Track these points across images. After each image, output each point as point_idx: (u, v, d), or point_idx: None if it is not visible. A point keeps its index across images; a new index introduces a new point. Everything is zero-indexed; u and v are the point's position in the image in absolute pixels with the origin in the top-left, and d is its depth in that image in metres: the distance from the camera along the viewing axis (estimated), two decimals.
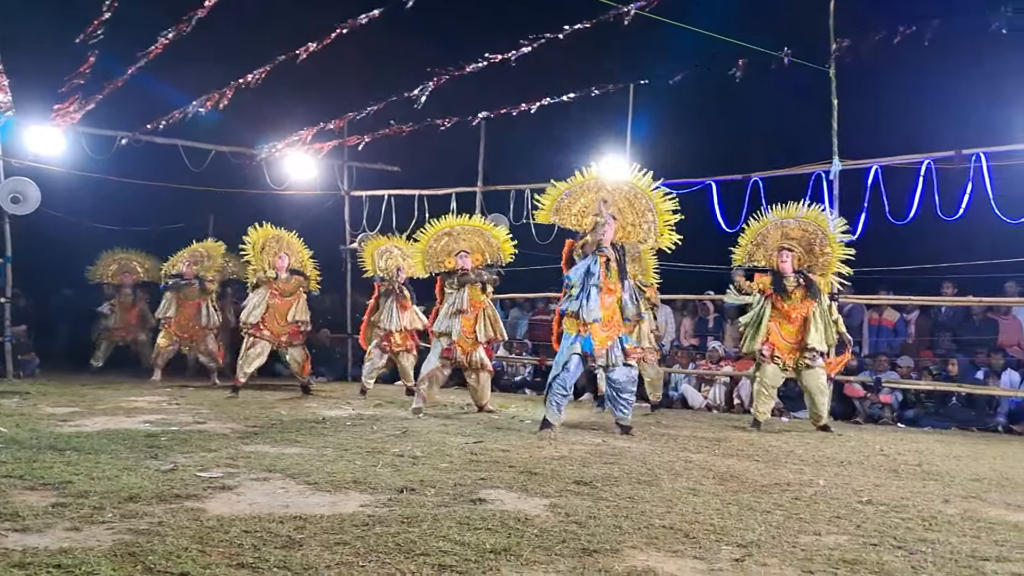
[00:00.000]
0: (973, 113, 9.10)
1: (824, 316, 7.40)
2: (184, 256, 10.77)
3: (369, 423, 6.78)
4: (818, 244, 7.51)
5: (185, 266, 10.65)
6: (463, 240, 7.93)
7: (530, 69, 8.78)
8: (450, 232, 7.98)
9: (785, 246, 7.46)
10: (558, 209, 6.72)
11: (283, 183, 12.11)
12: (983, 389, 8.41)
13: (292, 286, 9.36)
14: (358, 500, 3.72)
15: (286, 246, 9.46)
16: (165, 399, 8.21)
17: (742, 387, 9.24)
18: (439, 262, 7.92)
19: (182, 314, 10.61)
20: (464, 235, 7.96)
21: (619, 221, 6.53)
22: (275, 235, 9.47)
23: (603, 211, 6.36)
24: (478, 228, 8.08)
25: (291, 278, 9.37)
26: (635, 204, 6.60)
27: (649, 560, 2.93)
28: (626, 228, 6.59)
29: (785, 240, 7.52)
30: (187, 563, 2.66)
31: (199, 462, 4.55)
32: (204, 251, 10.91)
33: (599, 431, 6.74)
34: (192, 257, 10.74)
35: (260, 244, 9.35)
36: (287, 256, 9.37)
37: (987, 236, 8.53)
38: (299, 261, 9.59)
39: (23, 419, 6.13)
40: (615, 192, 6.60)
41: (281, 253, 9.34)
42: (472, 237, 7.96)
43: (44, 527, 3.06)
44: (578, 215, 6.69)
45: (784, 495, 4.18)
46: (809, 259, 7.52)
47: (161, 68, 8.73)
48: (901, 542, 3.29)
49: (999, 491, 4.59)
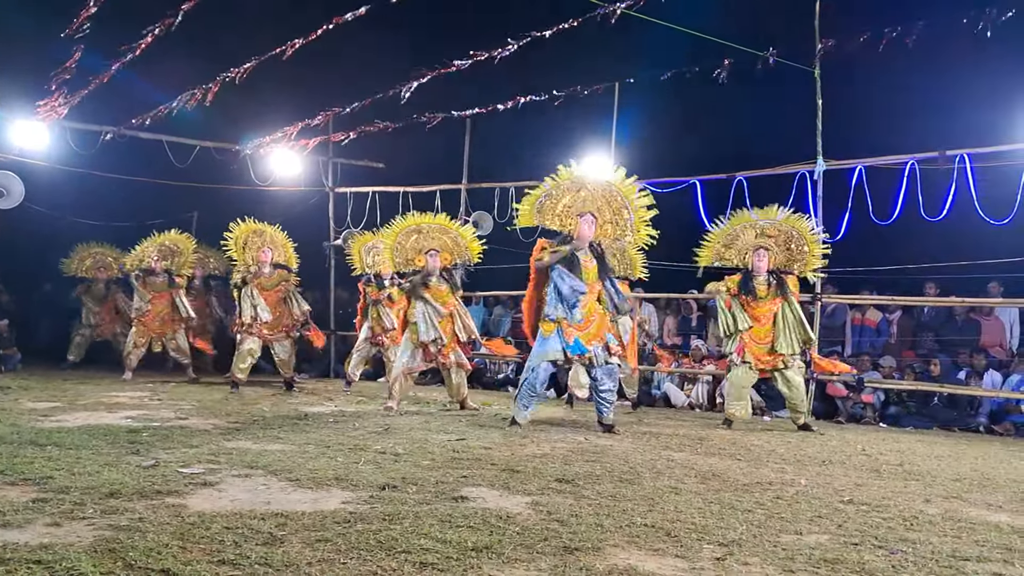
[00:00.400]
0: (957, 114, 9.15)
1: (795, 314, 7.41)
2: (152, 250, 10.55)
3: (351, 420, 6.77)
4: (795, 242, 7.56)
5: (154, 261, 10.46)
6: (432, 239, 7.92)
7: (516, 66, 8.76)
8: (419, 229, 7.96)
9: (762, 244, 7.48)
10: (540, 210, 6.71)
11: (267, 179, 12.06)
12: (965, 389, 8.48)
13: (275, 280, 9.32)
14: (340, 497, 3.72)
15: (269, 240, 9.42)
16: (147, 395, 8.17)
17: (724, 386, 9.29)
18: (408, 260, 7.90)
19: (153, 308, 10.42)
20: (433, 233, 7.95)
21: (598, 219, 6.56)
22: (257, 229, 9.44)
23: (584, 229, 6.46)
24: (445, 227, 8.06)
25: (275, 272, 9.34)
26: (611, 202, 6.64)
27: (630, 559, 2.94)
28: (603, 226, 6.62)
29: (762, 238, 7.55)
30: (168, 559, 2.65)
31: (180, 458, 4.52)
32: (172, 245, 10.72)
33: (581, 429, 6.76)
34: (161, 252, 10.56)
35: (242, 240, 9.30)
36: (270, 250, 9.34)
37: (970, 237, 8.60)
38: (283, 255, 9.55)
39: (4, 414, 6.08)
40: (594, 191, 6.62)
41: (264, 248, 9.31)
42: (440, 236, 7.96)
43: (24, 522, 3.04)
44: (561, 215, 6.68)
45: (766, 494, 4.20)
46: (786, 256, 7.56)
47: (146, 63, 8.66)
48: (882, 542, 3.31)
49: (980, 491, 4.62)
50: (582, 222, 6.50)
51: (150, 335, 10.44)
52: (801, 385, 7.48)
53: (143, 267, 10.45)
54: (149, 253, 10.52)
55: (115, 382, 9.59)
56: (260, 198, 11.99)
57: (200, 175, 11.66)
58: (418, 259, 7.85)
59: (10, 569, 2.49)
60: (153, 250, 10.55)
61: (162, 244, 10.68)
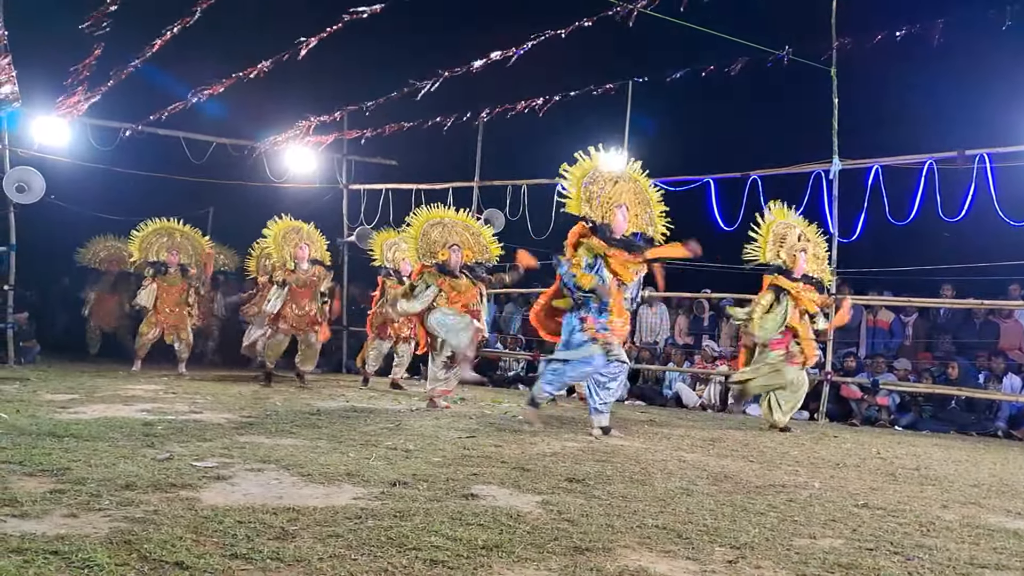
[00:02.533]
0: (977, 113, 9.06)
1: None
2: (162, 242, 10.47)
3: (363, 416, 6.79)
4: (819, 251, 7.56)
5: (170, 254, 10.40)
6: (456, 233, 7.83)
7: (529, 65, 8.76)
8: (443, 223, 7.86)
9: (804, 247, 7.39)
10: (588, 199, 6.37)
11: (282, 176, 12.13)
12: (983, 393, 8.39)
13: (310, 275, 9.39)
14: (351, 493, 3.73)
15: (306, 236, 9.53)
16: (162, 388, 8.23)
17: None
18: (433, 252, 7.75)
19: (164, 301, 10.37)
20: (457, 228, 7.87)
21: (629, 212, 6.48)
22: (295, 226, 9.55)
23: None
24: (467, 223, 7.99)
25: (311, 268, 9.42)
26: (638, 195, 6.61)
27: (641, 560, 2.93)
28: (632, 219, 6.53)
29: (803, 241, 7.45)
30: (182, 552, 2.67)
31: (194, 451, 4.56)
32: (183, 238, 10.65)
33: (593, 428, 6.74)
34: (174, 244, 10.49)
35: (280, 236, 9.40)
36: (307, 246, 9.42)
37: (990, 238, 8.51)
38: (319, 251, 9.65)
39: (23, 405, 6.15)
40: (626, 182, 6.56)
41: (302, 243, 9.40)
42: (463, 231, 7.88)
43: (42, 513, 3.07)
44: (603, 206, 6.39)
45: (779, 497, 4.17)
46: (815, 263, 7.50)
47: (164, 60, 8.75)
48: (898, 547, 3.27)
49: (999, 497, 4.56)
50: (618, 213, 6.35)
51: (162, 327, 10.42)
52: (804, 385, 7.44)
53: (157, 262, 10.40)
54: (159, 245, 10.43)
55: (130, 375, 9.67)
56: (275, 195, 12.07)
57: (216, 171, 11.76)
58: (441, 252, 7.71)
59: (27, 559, 2.52)
60: (163, 243, 10.47)
61: (172, 236, 10.55)
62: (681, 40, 8.78)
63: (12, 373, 9.00)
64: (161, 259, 10.40)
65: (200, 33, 8.00)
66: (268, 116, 11.60)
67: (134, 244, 10.50)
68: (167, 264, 10.40)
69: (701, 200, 9.43)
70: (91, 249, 11.80)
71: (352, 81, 11.25)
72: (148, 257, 10.43)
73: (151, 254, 10.43)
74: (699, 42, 8.68)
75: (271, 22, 10.47)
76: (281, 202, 11.54)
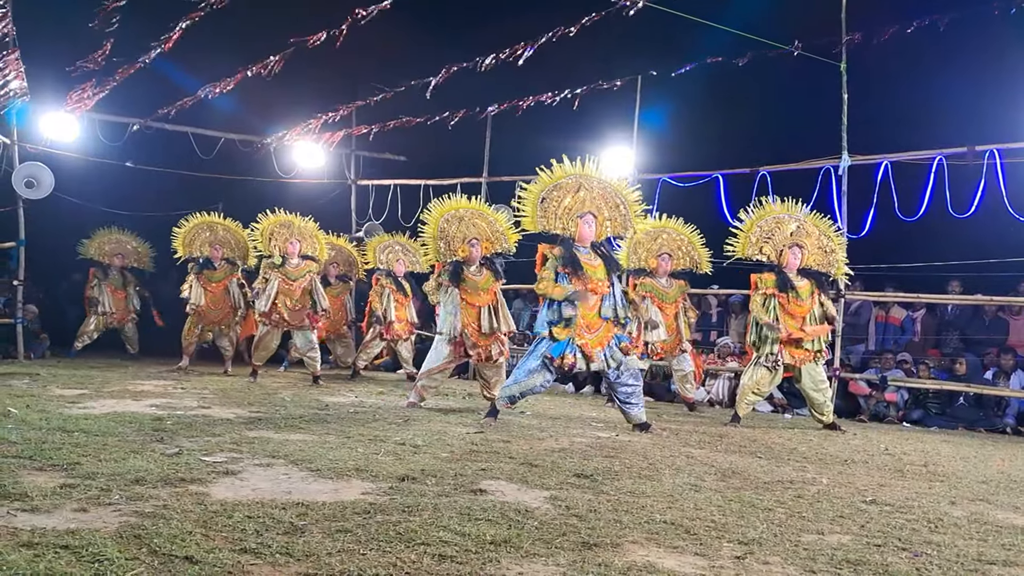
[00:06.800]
0: (987, 109, 8.99)
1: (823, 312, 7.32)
2: (204, 237, 10.25)
3: (371, 411, 6.81)
4: (826, 243, 7.41)
5: (213, 249, 10.18)
6: (474, 226, 7.51)
7: (538, 59, 8.74)
8: (460, 216, 7.51)
9: (798, 242, 7.24)
10: (544, 214, 6.42)
11: (291, 171, 12.14)
12: (991, 389, 8.36)
13: (300, 271, 9.34)
14: (360, 488, 3.74)
15: (297, 232, 9.39)
16: (171, 383, 8.27)
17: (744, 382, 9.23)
18: (453, 250, 7.45)
19: (209, 298, 10.14)
20: (474, 220, 7.52)
21: (597, 218, 6.41)
22: (284, 221, 9.42)
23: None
24: (482, 211, 7.63)
25: (301, 263, 9.35)
26: (608, 199, 6.48)
27: (649, 555, 2.93)
28: (603, 224, 6.48)
29: (799, 235, 7.29)
30: (191, 547, 2.68)
31: (204, 446, 4.58)
32: (225, 232, 10.38)
33: (601, 425, 6.75)
34: (216, 239, 10.25)
35: (268, 232, 9.35)
36: (298, 242, 9.33)
37: (1000, 235, 8.46)
38: (312, 247, 9.56)
39: (33, 400, 6.18)
40: (591, 189, 6.43)
41: (292, 239, 9.29)
42: (479, 222, 7.54)
43: (52, 508, 3.09)
44: (563, 218, 6.43)
45: (787, 493, 4.17)
46: (822, 256, 7.37)
47: (173, 55, 8.76)
48: (906, 543, 3.26)
49: (1007, 494, 4.55)
50: (582, 223, 6.33)
51: (204, 323, 10.21)
52: (826, 382, 7.37)
53: (203, 258, 10.16)
54: (201, 240, 10.22)
55: (141, 370, 9.71)
56: (283, 190, 12.07)
57: (225, 167, 11.78)
58: (461, 248, 7.42)
59: (38, 554, 2.53)
60: (206, 238, 10.24)
61: (215, 231, 10.29)
62: (691, 35, 8.74)
63: (22, 368, 9.06)
64: (204, 254, 10.19)
65: (209, 28, 8.02)
66: (277, 112, 11.61)
67: (177, 240, 10.27)
68: (211, 259, 10.17)
69: (710, 195, 9.41)
70: (95, 241, 11.68)
71: (361, 77, 11.26)
72: (192, 253, 10.22)
73: (195, 249, 10.22)
74: (709, 37, 8.65)
75: (280, 17, 10.47)
76: (289, 198, 11.51)
